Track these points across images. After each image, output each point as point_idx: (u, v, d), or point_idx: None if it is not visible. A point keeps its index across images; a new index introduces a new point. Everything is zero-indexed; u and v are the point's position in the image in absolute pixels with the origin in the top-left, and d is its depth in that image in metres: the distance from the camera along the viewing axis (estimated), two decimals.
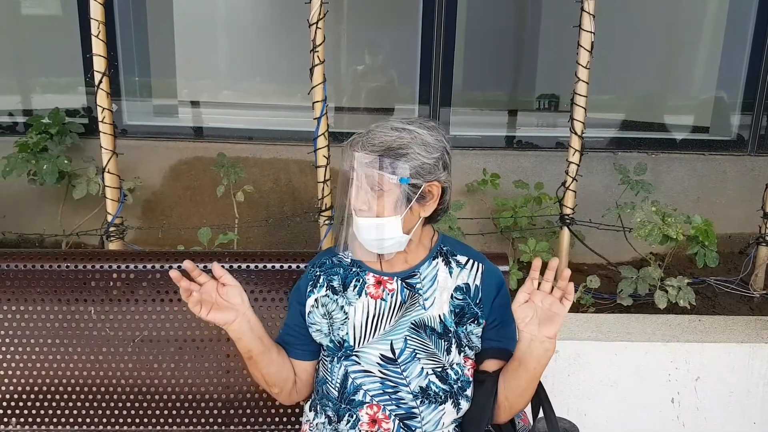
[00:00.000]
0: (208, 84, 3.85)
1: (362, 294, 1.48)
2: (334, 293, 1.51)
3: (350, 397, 1.45)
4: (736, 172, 3.44)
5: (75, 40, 3.29)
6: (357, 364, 1.46)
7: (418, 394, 1.43)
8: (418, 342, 1.45)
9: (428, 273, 1.49)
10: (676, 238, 2.51)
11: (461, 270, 1.50)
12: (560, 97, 3.73)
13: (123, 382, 1.84)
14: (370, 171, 1.37)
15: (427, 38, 3.35)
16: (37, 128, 3.03)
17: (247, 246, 3.16)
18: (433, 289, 1.48)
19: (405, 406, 1.43)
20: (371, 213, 1.39)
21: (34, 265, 1.85)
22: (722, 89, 3.68)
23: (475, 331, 1.47)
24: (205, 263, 1.86)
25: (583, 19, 2.50)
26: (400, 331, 1.45)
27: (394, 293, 1.48)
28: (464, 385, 1.46)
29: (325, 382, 1.50)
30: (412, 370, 1.44)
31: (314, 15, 2.36)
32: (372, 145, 1.38)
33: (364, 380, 1.45)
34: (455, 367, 1.46)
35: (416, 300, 1.47)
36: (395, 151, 1.37)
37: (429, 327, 1.45)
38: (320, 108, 2.45)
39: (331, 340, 1.48)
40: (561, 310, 1.33)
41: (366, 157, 1.37)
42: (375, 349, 1.45)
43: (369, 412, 1.44)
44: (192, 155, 3.34)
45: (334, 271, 1.54)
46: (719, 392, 2.29)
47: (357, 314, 1.47)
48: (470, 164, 3.32)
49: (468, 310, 1.47)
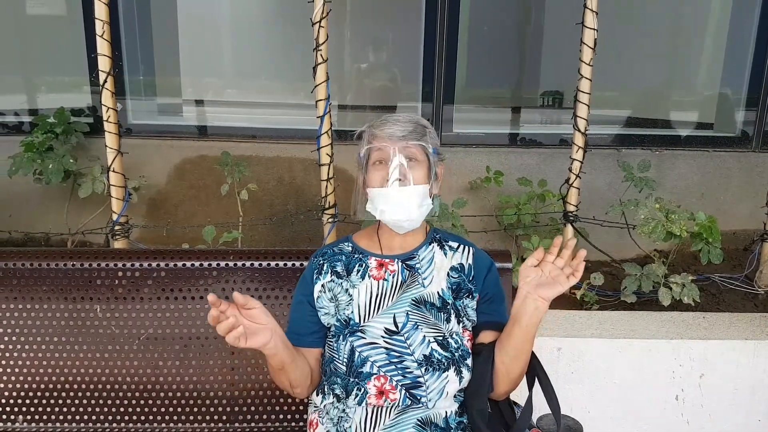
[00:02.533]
0: (212, 83, 3.86)
1: (365, 277, 1.58)
2: (338, 278, 1.59)
3: (358, 370, 1.49)
4: (740, 168, 3.44)
5: (80, 39, 3.31)
6: (362, 338, 1.51)
7: (422, 362, 1.48)
8: (419, 315, 1.53)
9: (426, 255, 1.61)
10: (680, 234, 2.50)
11: (454, 253, 1.63)
12: (564, 94, 3.72)
13: (128, 380, 1.86)
14: (406, 143, 1.51)
15: (430, 35, 3.35)
16: (43, 128, 3.05)
17: (251, 244, 3.17)
18: (431, 269, 1.59)
19: (411, 376, 1.48)
20: (407, 182, 1.51)
21: (40, 264, 1.86)
22: (726, 85, 3.67)
23: (470, 305, 1.58)
24: (210, 261, 1.88)
25: (586, 16, 2.50)
26: (402, 306, 1.54)
27: (395, 274, 1.58)
28: (464, 354, 1.53)
29: (333, 361, 1.54)
30: (415, 338, 1.50)
31: (317, 14, 2.37)
32: (402, 122, 1.54)
33: (370, 352, 1.50)
34: (455, 336, 1.53)
35: (416, 278, 1.58)
36: (423, 127, 1.56)
37: (429, 302, 1.55)
38: (323, 106, 2.45)
39: (337, 320, 1.55)
40: (565, 284, 1.42)
41: (402, 130, 1.52)
42: (379, 323, 1.52)
43: (376, 384, 1.48)
44: (196, 154, 3.35)
45: (336, 258, 1.62)
46: (724, 389, 2.28)
47: (361, 295, 1.56)
48: (474, 161, 3.32)
49: (463, 286, 1.58)
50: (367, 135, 1.57)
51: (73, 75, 3.56)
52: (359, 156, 1.59)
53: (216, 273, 1.87)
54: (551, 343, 2.23)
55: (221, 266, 1.87)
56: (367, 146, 1.55)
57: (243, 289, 1.86)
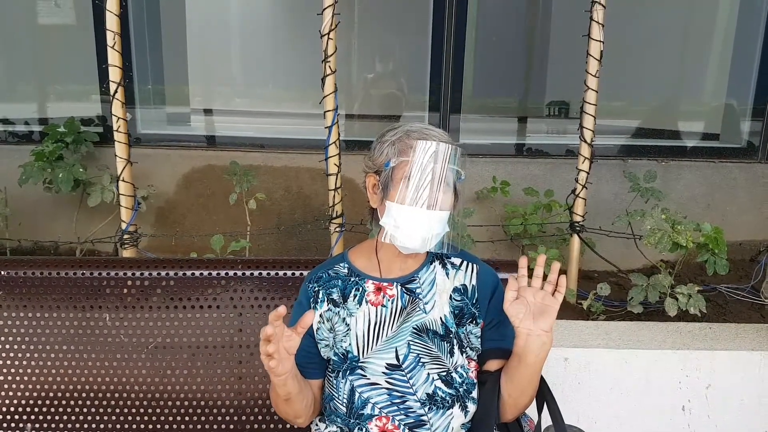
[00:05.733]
0: (221, 92, 3.89)
1: (362, 302, 1.49)
2: (335, 306, 1.50)
3: (358, 412, 1.44)
4: (746, 179, 3.43)
5: (90, 48, 3.34)
6: (363, 377, 1.45)
7: (426, 401, 1.43)
8: (421, 346, 1.45)
9: (427, 277, 1.51)
10: (686, 245, 2.50)
11: (457, 272, 1.53)
12: (570, 104, 3.73)
13: (137, 388, 1.86)
14: (450, 165, 1.39)
15: (437, 45, 3.37)
16: (53, 137, 3.08)
17: (258, 253, 3.19)
18: (433, 292, 1.50)
19: (413, 415, 1.43)
20: (438, 207, 1.39)
21: (49, 272, 1.87)
22: (732, 96, 3.67)
23: (474, 332, 1.49)
24: (218, 270, 1.89)
25: (592, 29, 2.52)
26: (403, 336, 1.46)
27: (394, 299, 1.49)
28: (469, 387, 1.47)
29: (332, 399, 1.48)
30: (418, 377, 1.44)
31: (326, 26, 2.39)
32: (443, 142, 1.41)
33: (370, 393, 1.44)
34: (459, 370, 1.46)
35: (417, 304, 1.48)
36: (458, 149, 1.42)
37: (431, 330, 1.47)
38: (331, 117, 2.47)
39: (335, 353, 1.48)
40: (554, 303, 1.36)
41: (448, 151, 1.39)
42: (380, 358, 1.45)
43: (378, 424, 1.43)
44: (205, 163, 3.38)
45: (332, 283, 1.53)
46: (730, 400, 2.28)
47: (358, 324, 1.48)
48: (480, 171, 3.33)
49: (467, 311, 1.49)
50: (399, 145, 1.42)
51: (83, 84, 3.59)
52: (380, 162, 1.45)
53: (224, 282, 1.88)
54: (558, 353, 2.23)
55: (229, 275, 1.88)
56: (402, 158, 1.41)
57: (251, 298, 1.87)
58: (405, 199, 1.39)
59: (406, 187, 1.39)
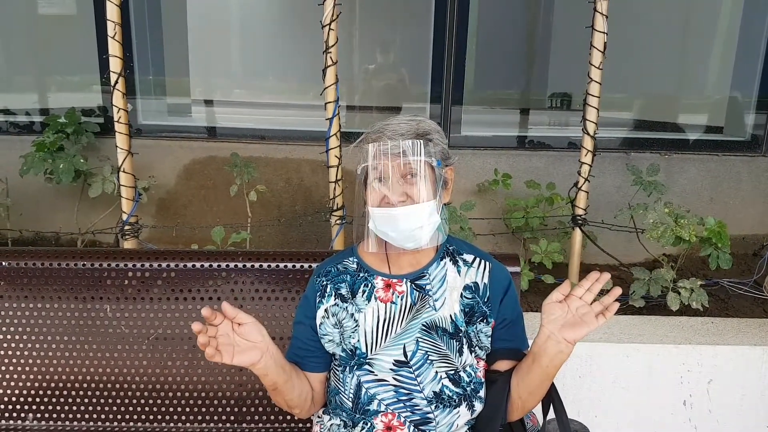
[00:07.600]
0: (222, 84, 3.88)
1: (371, 299, 1.47)
2: (343, 301, 1.49)
3: (364, 408, 1.44)
4: (750, 173, 3.42)
5: (90, 39, 3.33)
6: (370, 373, 1.44)
7: (432, 399, 1.42)
8: (429, 343, 1.44)
9: (437, 273, 1.49)
10: (689, 239, 2.49)
11: (468, 269, 1.50)
12: (572, 96, 3.72)
13: (137, 379, 1.87)
14: (404, 159, 1.35)
15: (439, 37, 3.35)
16: (54, 128, 3.07)
17: (259, 245, 3.18)
18: (443, 289, 1.47)
19: (420, 412, 1.42)
20: (410, 201, 1.36)
21: (50, 263, 1.87)
22: (736, 89, 3.65)
23: (484, 330, 1.46)
24: (219, 262, 1.89)
25: (595, 20, 2.50)
26: (412, 333, 1.44)
27: (403, 296, 1.47)
28: (477, 387, 1.45)
29: (338, 393, 1.48)
30: (426, 375, 1.42)
31: (327, 17, 2.37)
32: (399, 134, 1.38)
33: (377, 390, 1.43)
34: (468, 369, 1.45)
35: (426, 301, 1.46)
36: (424, 136, 1.39)
37: (440, 328, 1.44)
38: (332, 108, 2.46)
39: (342, 349, 1.47)
40: (592, 323, 1.31)
41: (397, 147, 1.35)
42: (388, 355, 1.44)
43: (384, 420, 1.43)
44: (205, 155, 3.37)
45: (340, 278, 1.51)
46: (732, 395, 2.28)
47: (367, 320, 1.46)
48: (481, 164, 3.32)
49: (477, 309, 1.47)
50: (361, 150, 1.42)
51: (83, 75, 3.58)
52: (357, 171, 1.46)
53: (225, 274, 1.88)
54: None
55: (230, 267, 1.88)
56: (363, 164, 1.41)
57: (251, 290, 1.87)
58: (375, 202, 1.39)
59: (373, 190, 1.39)
